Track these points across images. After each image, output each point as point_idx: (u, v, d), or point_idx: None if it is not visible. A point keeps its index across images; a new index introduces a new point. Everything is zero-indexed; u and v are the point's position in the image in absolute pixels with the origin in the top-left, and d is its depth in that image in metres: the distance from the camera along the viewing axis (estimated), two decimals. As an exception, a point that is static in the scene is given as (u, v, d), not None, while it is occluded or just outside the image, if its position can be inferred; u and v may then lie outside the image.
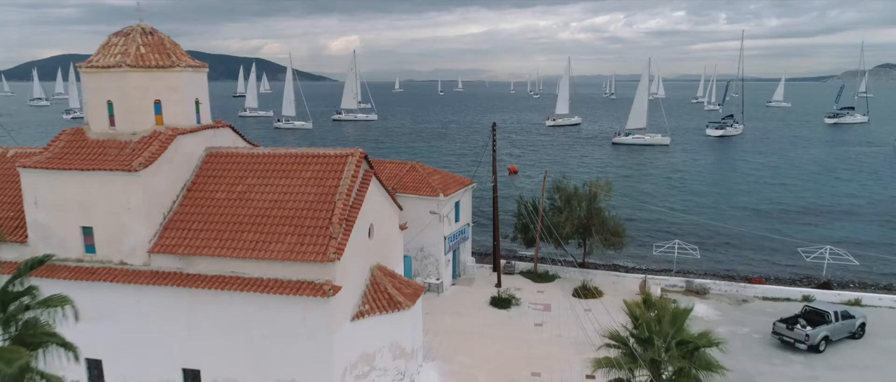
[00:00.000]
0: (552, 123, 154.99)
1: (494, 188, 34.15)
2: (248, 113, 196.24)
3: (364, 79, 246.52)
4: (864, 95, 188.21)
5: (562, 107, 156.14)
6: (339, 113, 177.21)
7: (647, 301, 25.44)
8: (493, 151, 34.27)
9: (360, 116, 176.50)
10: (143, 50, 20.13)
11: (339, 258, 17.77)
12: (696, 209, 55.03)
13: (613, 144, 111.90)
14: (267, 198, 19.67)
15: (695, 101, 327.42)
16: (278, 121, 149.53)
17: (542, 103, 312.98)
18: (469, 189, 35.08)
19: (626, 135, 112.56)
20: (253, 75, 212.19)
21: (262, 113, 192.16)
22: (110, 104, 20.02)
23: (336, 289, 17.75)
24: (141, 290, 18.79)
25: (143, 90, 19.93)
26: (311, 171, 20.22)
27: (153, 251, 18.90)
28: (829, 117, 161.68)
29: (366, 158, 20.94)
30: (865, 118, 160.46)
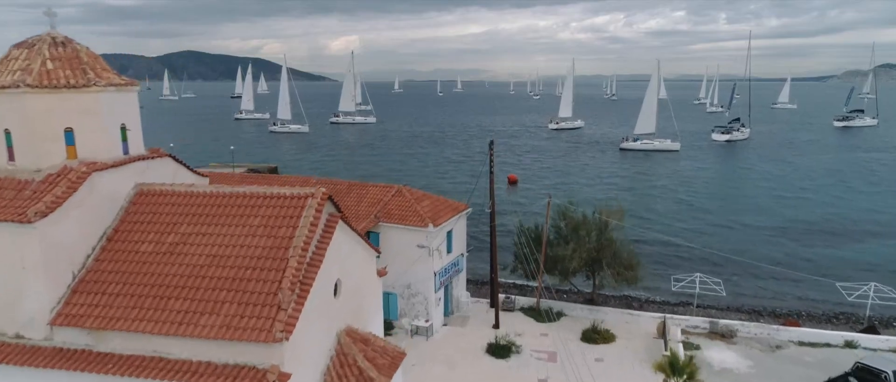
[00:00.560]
0: (555, 126, 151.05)
1: (491, 216, 30.13)
2: (243, 115, 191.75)
3: (364, 79, 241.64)
4: (868, 95, 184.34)
5: (565, 110, 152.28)
6: (337, 116, 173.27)
7: (674, 364, 21.51)
8: (491, 172, 30.23)
9: (358, 118, 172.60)
10: (50, 65, 16.13)
11: (288, 337, 13.78)
12: (710, 230, 50.86)
13: (621, 149, 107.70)
14: (204, 252, 15.65)
15: (697, 102, 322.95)
16: (274, 124, 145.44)
17: (542, 104, 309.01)
18: (463, 215, 31.08)
19: (635, 140, 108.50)
20: (249, 77, 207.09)
21: (258, 115, 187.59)
22: (8, 134, 16.04)
23: (284, 377, 13.79)
24: (39, 373, 14.81)
25: (50, 115, 15.92)
26: (262, 216, 16.21)
27: (56, 322, 14.90)
28: (838, 120, 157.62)
29: (331, 199, 16.97)
30: (875, 121, 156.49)
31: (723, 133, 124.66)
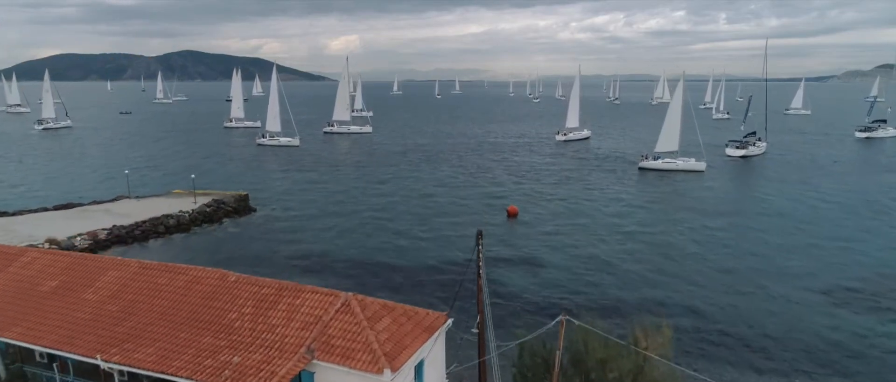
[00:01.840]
0: (563, 137, 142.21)
1: (480, 340, 21.24)
2: (233, 124, 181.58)
3: (363, 79, 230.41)
4: (876, 99, 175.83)
5: (572, 119, 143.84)
6: (331, 125, 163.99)
7: None
8: (478, 275, 21.29)
9: (353, 128, 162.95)
10: None
11: None
12: (745, 304, 41.09)
13: (640, 169, 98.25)
14: None
15: (702, 107, 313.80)
16: (262, 137, 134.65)
17: (542, 108, 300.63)
18: (441, 332, 22.15)
19: (655, 158, 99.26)
20: (238, 82, 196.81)
21: (248, 123, 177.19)
22: None
23: None
24: None
25: None
26: None
27: None
28: (860, 131, 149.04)
29: None
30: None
31: (738, 148, 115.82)
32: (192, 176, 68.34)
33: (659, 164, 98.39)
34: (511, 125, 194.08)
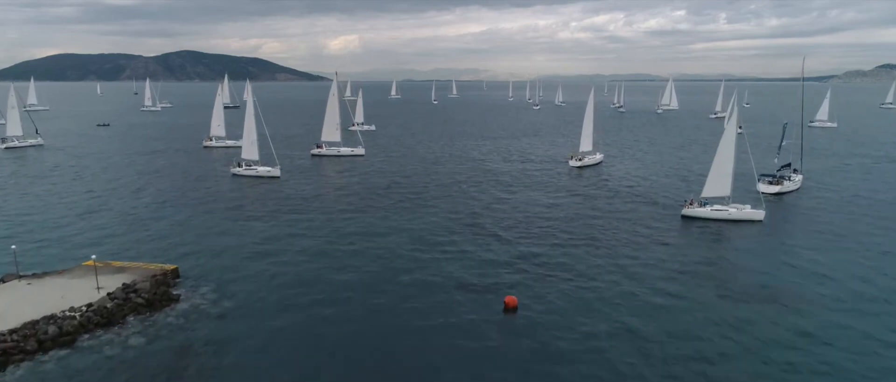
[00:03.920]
0: (578, 163, 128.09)
1: None
2: (213, 142, 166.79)
3: (362, 79, 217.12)
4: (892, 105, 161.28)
5: (586, 142, 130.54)
6: (320, 146, 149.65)
7: None
8: None
9: (344, 150, 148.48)
10: None
11: None
12: None
13: (683, 216, 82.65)
14: None
15: (714, 116, 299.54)
16: (237, 166, 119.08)
17: (544, 118, 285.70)
18: None
19: (703, 205, 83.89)
20: (223, 93, 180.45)
21: (230, 143, 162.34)
22: None
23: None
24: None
25: None
26: None
27: None
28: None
29: None
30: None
31: (771, 183, 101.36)
32: (93, 256, 52.87)
33: (707, 211, 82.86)
34: (512, 143, 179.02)
